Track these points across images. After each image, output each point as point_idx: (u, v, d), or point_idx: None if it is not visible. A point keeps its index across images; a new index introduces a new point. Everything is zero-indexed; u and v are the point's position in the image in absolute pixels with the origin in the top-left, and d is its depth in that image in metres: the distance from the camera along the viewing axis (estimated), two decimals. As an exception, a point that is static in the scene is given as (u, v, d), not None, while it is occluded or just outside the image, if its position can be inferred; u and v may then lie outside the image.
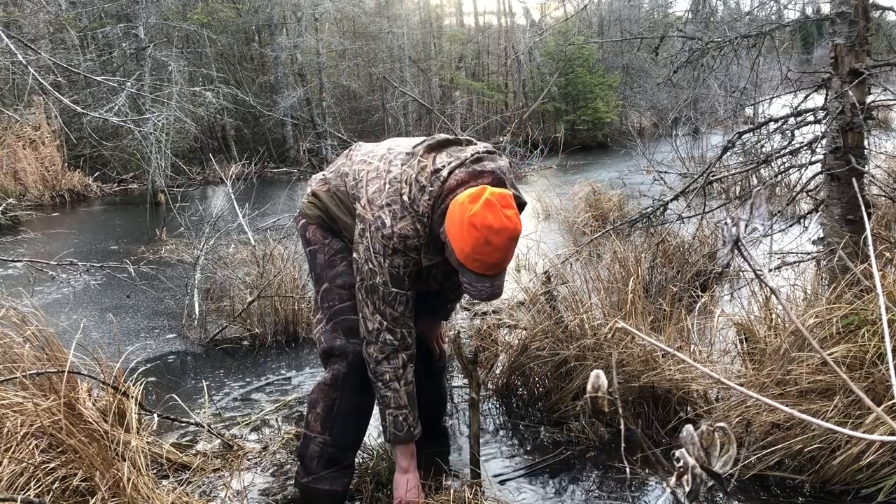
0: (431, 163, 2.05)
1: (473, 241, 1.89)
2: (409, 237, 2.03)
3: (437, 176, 2.02)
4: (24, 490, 2.01)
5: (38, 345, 2.59)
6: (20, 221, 8.33)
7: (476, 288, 1.98)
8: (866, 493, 2.26)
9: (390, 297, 2.10)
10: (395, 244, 2.03)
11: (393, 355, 2.14)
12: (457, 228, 1.92)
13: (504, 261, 1.95)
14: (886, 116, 9.27)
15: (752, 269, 1.95)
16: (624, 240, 4.05)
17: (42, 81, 3.89)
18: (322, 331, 2.28)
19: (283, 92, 14.32)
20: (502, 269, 1.98)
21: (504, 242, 1.90)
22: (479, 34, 20.02)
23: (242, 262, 4.86)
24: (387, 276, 2.08)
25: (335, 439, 2.27)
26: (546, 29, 16.20)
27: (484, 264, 1.92)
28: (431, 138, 2.14)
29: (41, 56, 5.59)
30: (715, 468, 1.57)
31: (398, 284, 2.09)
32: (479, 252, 1.90)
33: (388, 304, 2.10)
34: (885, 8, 3.36)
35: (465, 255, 1.92)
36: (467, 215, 1.89)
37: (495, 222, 1.87)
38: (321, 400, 2.29)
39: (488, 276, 1.96)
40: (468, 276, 1.97)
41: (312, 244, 2.33)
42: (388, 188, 2.07)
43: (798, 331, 2.51)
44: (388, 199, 2.05)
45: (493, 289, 1.99)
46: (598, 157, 13.95)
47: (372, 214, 2.06)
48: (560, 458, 2.63)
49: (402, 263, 2.07)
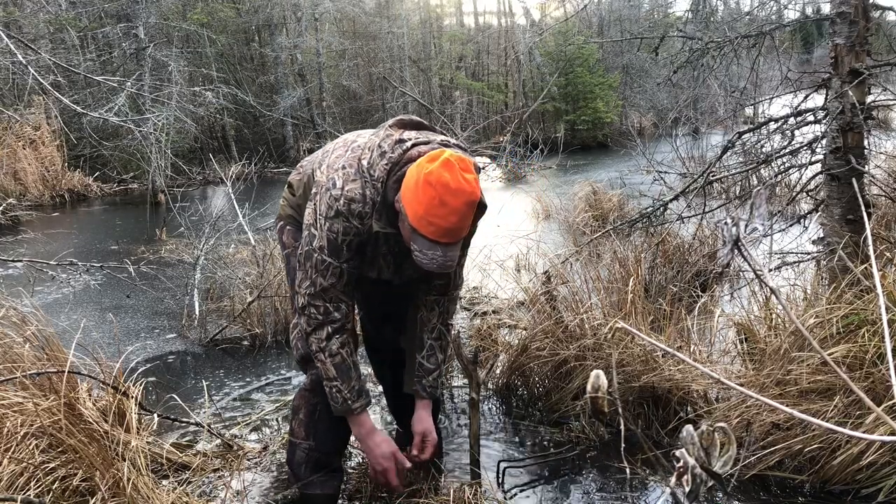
0: (398, 134, 1.99)
1: (428, 200, 1.79)
2: (355, 200, 1.93)
3: (400, 144, 1.95)
4: (24, 490, 2.01)
5: (38, 345, 2.59)
6: (20, 221, 8.34)
7: (427, 256, 1.86)
8: (866, 493, 2.26)
9: (323, 266, 2.01)
10: (339, 206, 1.94)
11: (318, 328, 2.06)
12: (412, 190, 1.83)
13: (459, 228, 1.84)
14: (886, 116, 9.27)
15: (752, 269, 1.95)
16: (624, 240, 4.05)
17: (42, 81, 3.90)
18: (298, 336, 2.26)
19: (283, 92, 14.33)
20: (457, 239, 1.87)
21: (460, 206, 1.80)
22: (479, 34, 20.04)
23: (242, 262, 4.86)
24: (324, 241, 1.99)
25: (319, 444, 2.27)
26: (546, 29, 16.20)
27: (438, 229, 1.81)
28: (406, 116, 2.08)
29: (41, 56, 5.59)
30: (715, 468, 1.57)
31: (334, 252, 2.00)
32: (433, 214, 1.80)
33: (320, 273, 2.02)
34: (885, 8, 3.36)
35: (418, 217, 1.82)
36: (423, 173, 1.80)
37: (452, 182, 1.78)
38: (303, 406, 2.28)
39: (441, 243, 1.84)
40: (420, 241, 1.86)
41: (287, 247, 2.31)
42: (348, 154, 2.02)
43: (798, 331, 2.51)
44: (345, 161, 1.99)
45: (444, 259, 1.87)
46: (598, 157, 13.95)
47: (326, 177, 2.00)
48: (560, 458, 2.63)
49: (341, 229, 1.97)
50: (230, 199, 5.41)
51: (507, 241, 4.48)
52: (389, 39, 16.38)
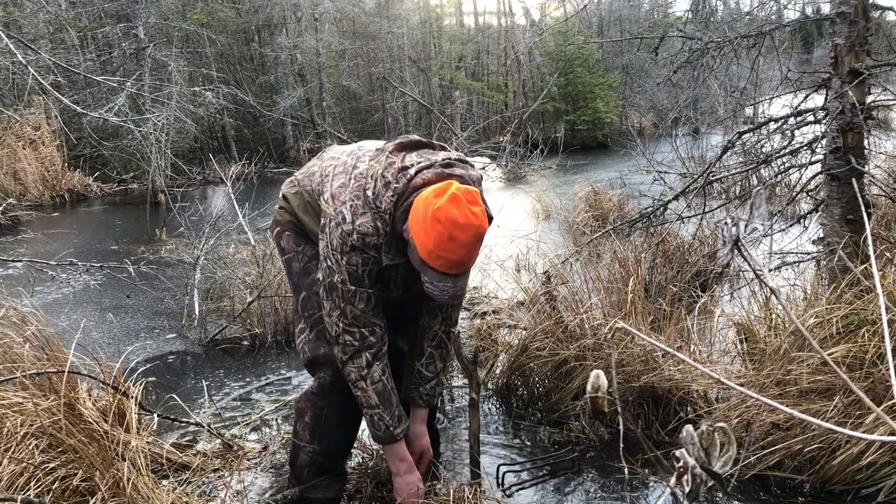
0: (400, 161, 1.98)
1: (437, 236, 1.81)
2: (369, 234, 1.94)
3: (403, 174, 1.95)
4: (24, 490, 2.01)
5: (38, 345, 2.59)
6: (20, 221, 8.33)
7: (438, 288, 1.89)
8: (866, 493, 2.26)
9: (349, 294, 2.02)
10: (353, 241, 1.95)
11: (356, 355, 2.07)
12: (420, 224, 1.84)
13: (468, 259, 1.87)
14: (886, 116, 9.26)
15: (752, 269, 1.95)
16: (624, 240, 4.05)
17: (42, 81, 3.90)
18: (305, 340, 2.26)
19: (283, 92, 14.32)
20: (466, 269, 1.90)
21: (469, 239, 1.82)
22: (478, 34, 20.03)
23: (242, 262, 4.86)
24: (345, 275, 2.00)
25: (324, 448, 2.27)
26: (546, 29, 16.20)
27: (447, 262, 1.84)
28: (404, 137, 2.08)
29: (41, 56, 5.59)
30: (715, 468, 1.57)
31: (357, 282, 2.02)
32: (443, 248, 1.82)
33: (349, 302, 2.03)
34: (885, 8, 3.36)
35: (427, 251, 1.84)
36: (431, 209, 1.81)
37: (460, 217, 1.79)
38: (309, 409, 2.27)
39: (451, 275, 1.87)
40: (430, 274, 1.89)
41: (287, 253, 2.30)
42: (352, 183, 2.00)
43: (798, 331, 2.51)
44: (351, 193, 1.98)
45: (455, 289, 1.91)
46: (598, 157, 13.95)
47: (334, 209, 2.00)
48: (560, 458, 2.63)
49: (360, 261, 1.99)
50: (230, 199, 5.42)
51: (507, 241, 4.47)
52: (389, 39, 16.37)
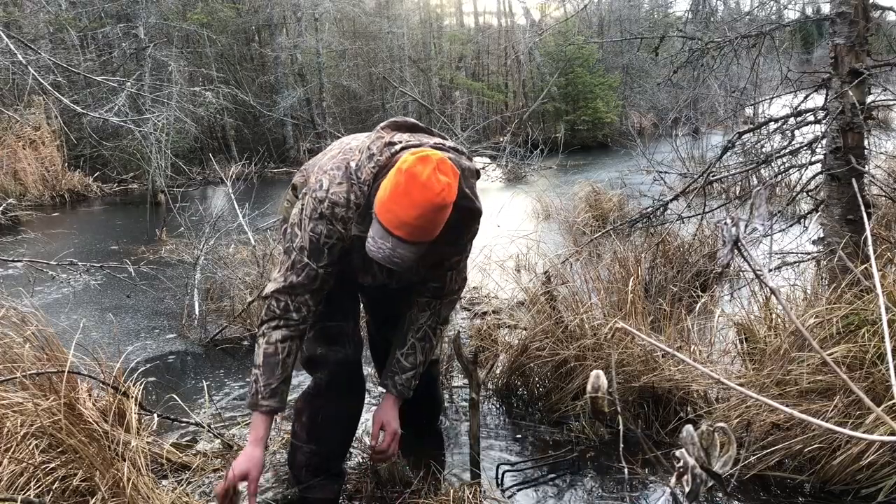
0: (389, 137, 1.95)
1: (393, 186, 1.73)
2: (339, 204, 1.91)
3: (389, 147, 1.90)
4: (24, 490, 2.01)
5: (38, 345, 2.59)
6: (20, 221, 8.33)
7: (376, 244, 1.78)
8: (866, 493, 2.26)
9: (300, 265, 1.99)
10: (323, 209, 1.92)
11: (270, 321, 2.03)
12: (386, 177, 1.79)
13: (417, 227, 1.74)
14: (886, 116, 9.25)
15: (752, 269, 1.95)
16: (624, 240, 4.05)
17: (42, 81, 3.90)
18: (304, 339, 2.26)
19: (283, 92, 14.33)
20: (412, 238, 1.76)
21: (423, 202, 1.71)
22: (479, 34, 20.05)
23: (242, 262, 4.85)
24: (306, 241, 1.97)
25: (321, 448, 2.26)
26: (546, 29, 16.19)
27: (394, 218, 1.73)
28: (401, 118, 2.06)
29: (41, 56, 5.59)
30: (715, 468, 1.57)
31: (314, 254, 1.97)
32: (394, 201, 1.72)
33: (295, 271, 1.99)
34: (885, 8, 3.36)
35: (380, 201, 1.76)
36: (399, 164, 1.76)
37: (422, 175, 1.70)
38: (306, 409, 2.27)
39: (394, 235, 1.75)
40: (374, 227, 1.79)
41: None
42: (340, 155, 2.01)
43: (798, 331, 2.51)
44: (335, 163, 1.97)
45: (392, 253, 1.77)
46: (598, 157, 13.96)
47: (315, 178, 1.99)
48: (560, 458, 2.63)
49: (324, 231, 1.94)
50: (230, 199, 5.41)
51: (507, 241, 4.47)
52: (389, 39, 16.37)
